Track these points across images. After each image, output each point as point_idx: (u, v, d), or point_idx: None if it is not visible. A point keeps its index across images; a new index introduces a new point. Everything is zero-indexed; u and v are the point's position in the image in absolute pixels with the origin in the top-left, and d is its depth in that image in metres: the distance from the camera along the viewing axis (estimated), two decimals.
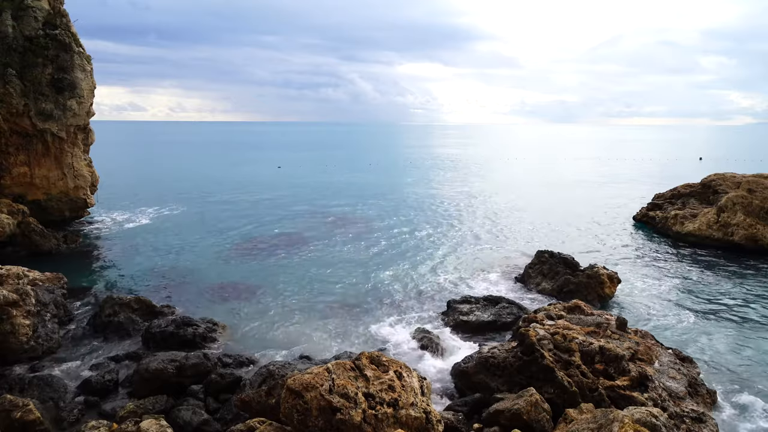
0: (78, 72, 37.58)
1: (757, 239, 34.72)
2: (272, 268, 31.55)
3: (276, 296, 26.60)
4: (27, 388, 16.91)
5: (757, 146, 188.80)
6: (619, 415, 11.93)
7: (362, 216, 48.20)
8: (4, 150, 36.04)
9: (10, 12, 35.28)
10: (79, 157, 39.84)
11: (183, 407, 15.69)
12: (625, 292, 27.22)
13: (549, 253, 28.77)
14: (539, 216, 48.26)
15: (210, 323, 22.09)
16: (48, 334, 20.16)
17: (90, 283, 28.52)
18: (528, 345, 16.52)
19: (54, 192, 38.65)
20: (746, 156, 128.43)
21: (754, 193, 36.24)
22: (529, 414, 13.99)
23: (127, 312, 22.63)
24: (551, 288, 26.76)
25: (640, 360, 16.56)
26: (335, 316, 24.22)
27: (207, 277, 29.73)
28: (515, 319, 22.21)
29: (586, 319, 19.17)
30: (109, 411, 16.02)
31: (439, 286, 28.49)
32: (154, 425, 13.25)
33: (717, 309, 25.06)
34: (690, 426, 14.24)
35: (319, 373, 12.44)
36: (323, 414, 11.73)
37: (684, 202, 43.07)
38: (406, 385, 12.97)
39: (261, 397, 14.35)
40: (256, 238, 39.16)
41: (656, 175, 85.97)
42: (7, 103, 34.60)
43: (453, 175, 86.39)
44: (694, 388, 16.24)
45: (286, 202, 55.42)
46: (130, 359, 19.46)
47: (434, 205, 54.85)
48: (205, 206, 52.52)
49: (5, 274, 21.29)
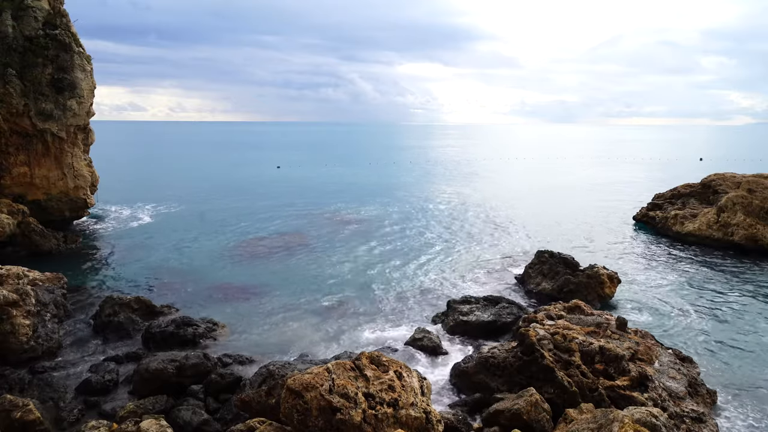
0: (78, 72, 37.59)
1: (757, 239, 34.73)
2: (272, 268, 31.55)
3: (276, 296, 26.61)
4: (27, 388, 16.93)
5: (757, 146, 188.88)
6: (619, 415, 11.93)
7: (362, 216, 48.21)
8: (4, 150, 36.04)
9: (10, 12, 35.28)
10: (79, 157, 39.84)
11: (183, 407, 15.69)
12: (625, 292, 27.23)
13: (549, 253, 28.77)
14: (539, 216, 48.28)
15: (210, 323, 22.11)
16: (48, 334, 20.16)
17: (90, 283, 28.53)
18: (528, 345, 16.52)
19: (54, 192, 38.65)
20: (746, 156, 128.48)
21: (754, 193, 36.25)
22: (529, 414, 14.00)
23: (127, 312, 22.64)
24: (551, 288, 26.75)
25: (640, 360, 16.56)
26: (335, 316, 24.24)
27: (207, 277, 29.74)
28: (515, 319, 22.21)
29: (586, 319, 19.18)
30: (109, 411, 16.03)
31: (439, 286, 28.50)
32: (154, 425, 13.25)
33: (717, 309, 25.05)
34: (690, 426, 14.24)
35: (319, 373, 12.44)
36: (323, 414, 11.73)
37: (684, 202, 43.07)
38: (406, 385, 12.96)
39: (261, 397, 14.35)
40: (255, 239, 39.17)
41: (656, 175, 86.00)
42: (7, 103, 34.59)
43: (453, 175, 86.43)
44: (694, 388, 16.24)
45: (286, 202, 55.44)
46: (130, 359, 19.48)
47: (434, 204, 54.87)
48: (205, 206, 52.55)
49: (5, 274, 21.29)
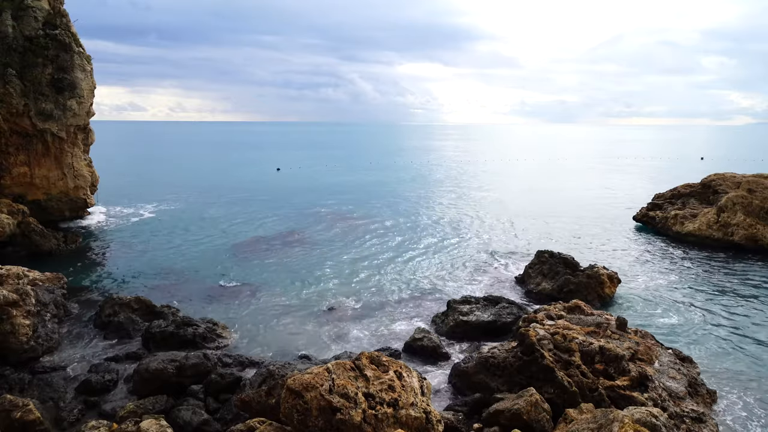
0: (78, 72, 37.60)
1: (757, 239, 34.73)
2: (272, 268, 31.55)
3: (276, 296, 26.62)
4: (27, 388, 16.93)
5: (757, 146, 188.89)
6: (619, 415, 11.93)
7: (362, 216, 48.21)
8: (4, 150, 36.05)
9: (10, 12, 35.29)
10: (79, 157, 39.86)
11: (183, 407, 15.69)
12: (625, 292, 27.23)
13: (549, 253, 28.77)
14: (539, 216, 48.27)
15: (210, 323, 22.10)
16: (48, 334, 20.16)
17: (90, 283, 28.53)
18: (528, 345, 16.52)
19: (54, 192, 38.68)
20: (746, 156, 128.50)
21: (754, 193, 36.25)
22: (529, 414, 13.99)
23: (127, 312, 22.64)
24: (551, 288, 26.75)
25: (640, 360, 16.55)
26: (335, 316, 24.25)
27: (207, 277, 29.74)
28: (515, 319, 22.21)
29: (586, 319, 19.17)
30: (109, 411, 16.03)
31: (439, 286, 28.50)
32: (154, 425, 13.26)
33: (717, 309, 25.05)
34: (690, 426, 14.24)
35: (319, 373, 12.44)
36: (323, 414, 11.73)
37: (684, 202, 43.06)
38: (406, 385, 12.96)
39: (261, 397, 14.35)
40: (255, 239, 39.18)
41: (656, 175, 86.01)
42: (7, 103, 34.60)
43: (453, 175, 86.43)
44: (694, 388, 16.24)
45: (286, 202, 55.46)
46: (130, 359, 19.48)
47: (434, 204, 54.87)
48: (205, 206, 52.55)
49: (5, 274, 21.30)
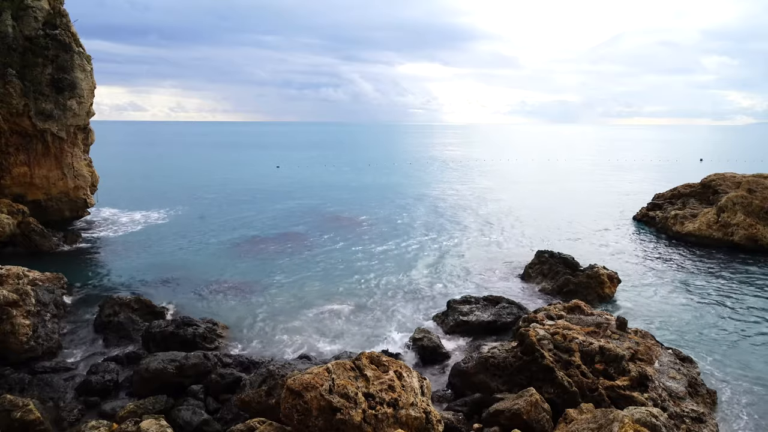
0: (78, 72, 37.57)
1: (757, 239, 34.72)
2: (272, 267, 31.54)
3: (276, 296, 26.61)
4: (27, 388, 16.93)
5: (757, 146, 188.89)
6: (619, 415, 11.93)
7: (362, 216, 48.20)
8: (4, 150, 36.03)
9: (10, 12, 35.27)
10: (79, 157, 39.84)
11: (183, 407, 15.69)
12: (625, 292, 27.22)
13: (549, 253, 28.77)
14: (539, 216, 48.26)
15: (210, 323, 22.09)
16: (48, 334, 20.16)
17: (90, 283, 28.52)
18: (528, 345, 16.52)
19: (54, 192, 38.65)
20: (746, 156, 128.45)
21: (754, 193, 36.25)
22: (529, 414, 14.00)
23: (127, 312, 22.63)
24: (551, 288, 26.76)
25: (640, 360, 16.56)
26: (335, 316, 24.24)
27: (207, 277, 29.72)
28: (515, 319, 22.20)
29: (586, 319, 19.17)
30: (109, 411, 16.03)
31: (439, 286, 28.50)
32: (154, 425, 13.26)
33: (717, 309, 25.05)
34: (690, 426, 14.24)
35: (319, 373, 12.44)
36: (323, 414, 11.73)
37: (684, 202, 43.07)
38: (406, 385, 12.96)
39: (261, 397, 14.36)
40: (255, 238, 39.17)
41: (656, 175, 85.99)
42: (7, 103, 34.58)
43: (453, 174, 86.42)
44: (694, 388, 16.24)
45: (286, 202, 55.43)
46: (130, 359, 19.48)
47: (434, 204, 54.85)
48: (205, 206, 52.55)
49: (5, 274, 21.30)
